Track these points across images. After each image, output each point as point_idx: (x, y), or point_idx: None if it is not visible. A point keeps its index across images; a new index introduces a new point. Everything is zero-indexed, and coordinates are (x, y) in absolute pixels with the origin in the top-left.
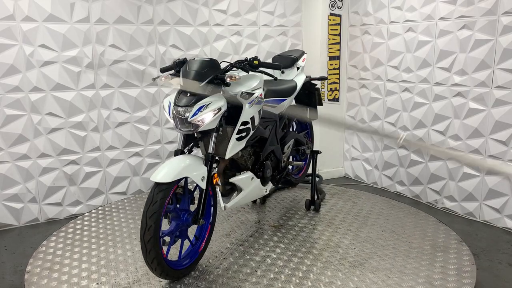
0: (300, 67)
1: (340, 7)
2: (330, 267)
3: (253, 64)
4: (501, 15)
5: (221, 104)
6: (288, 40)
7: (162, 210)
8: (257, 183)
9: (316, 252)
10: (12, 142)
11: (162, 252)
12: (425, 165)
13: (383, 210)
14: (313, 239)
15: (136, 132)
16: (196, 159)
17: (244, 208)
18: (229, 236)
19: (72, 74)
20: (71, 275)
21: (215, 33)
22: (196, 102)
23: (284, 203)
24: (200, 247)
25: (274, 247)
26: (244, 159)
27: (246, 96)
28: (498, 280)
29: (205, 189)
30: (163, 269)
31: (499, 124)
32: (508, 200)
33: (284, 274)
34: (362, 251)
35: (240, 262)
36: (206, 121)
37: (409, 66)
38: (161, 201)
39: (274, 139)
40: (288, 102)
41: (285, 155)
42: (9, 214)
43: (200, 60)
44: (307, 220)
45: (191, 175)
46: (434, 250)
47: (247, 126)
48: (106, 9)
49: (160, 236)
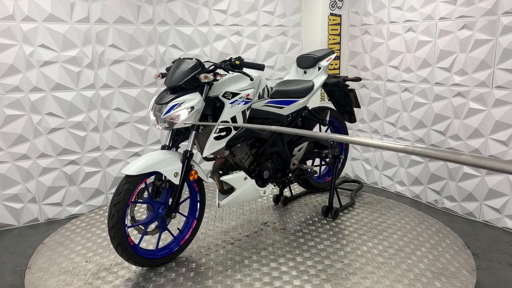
0: (322, 67)
1: (340, 7)
2: (306, 274)
3: (235, 64)
4: (501, 15)
5: (194, 103)
6: (288, 40)
7: (127, 200)
8: (251, 184)
9: (299, 260)
10: (12, 142)
11: (129, 240)
12: (425, 165)
13: (407, 225)
14: (308, 246)
15: (136, 132)
16: (173, 155)
17: (261, 208)
18: (227, 233)
19: (72, 74)
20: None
21: (215, 33)
22: (171, 100)
23: (307, 207)
24: (182, 241)
25: (261, 249)
26: (239, 159)
27: (229, 96)
28: (498, 280)
29: (179, 184)
30: (129, 255)
31: (499, 124)
32: (508, 200)
33: (252, 277)
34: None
35: (219, 259)
36: (181, 119)
37: (409, 66)
38: (126, 192)
39: (279, 141)
40: (301, 103)
41: (295, 157)
42: (9, 214)
43: (182, 60)
44: (315, 227)
45: (162, 170)
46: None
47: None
48: (106, 9)
49: (124, 224)
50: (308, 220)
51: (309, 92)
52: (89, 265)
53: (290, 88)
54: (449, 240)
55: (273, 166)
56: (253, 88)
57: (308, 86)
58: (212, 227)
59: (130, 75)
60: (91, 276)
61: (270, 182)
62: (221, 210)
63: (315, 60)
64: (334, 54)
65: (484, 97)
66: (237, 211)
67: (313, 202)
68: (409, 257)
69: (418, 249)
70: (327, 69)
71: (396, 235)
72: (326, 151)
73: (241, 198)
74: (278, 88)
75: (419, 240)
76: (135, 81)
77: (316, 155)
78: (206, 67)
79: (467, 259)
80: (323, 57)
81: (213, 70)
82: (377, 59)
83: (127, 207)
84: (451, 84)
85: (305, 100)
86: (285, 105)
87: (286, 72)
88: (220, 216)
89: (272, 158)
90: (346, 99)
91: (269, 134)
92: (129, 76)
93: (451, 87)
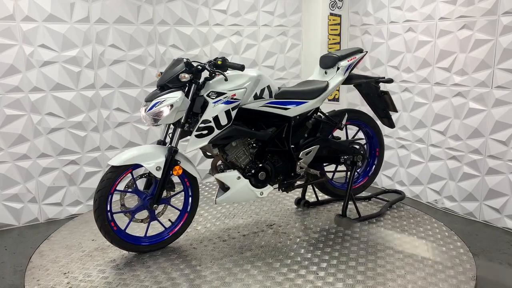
0: (341, 67)
1: (340, 7)
2: (270, 280)
3: (217, 64)
4: (501, 15)
5: (173, 101)
6: (288, 40)
7: (109, 188)
8: (244, 184)
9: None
10: (12, 142)
11: (111, 224)
12: (425, 165)
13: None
14: (294, 253)
15: (136, 132)
16: (159, 150)
17: (279, 210)
18: (227, 230)
19: (72, 74)
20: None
21: (215, 33)
22: (156, 97)
23: (326, 214)
24: (171, 232)
25: (247, 250)
26: (235, 158)
27: (214, 96)
28: (498, 280)
29: (161, 178)
30: (112, 238)
31: (499, 124)
32: (508, 200)
33: (218, 275)
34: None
35: (200, 254)
36: (163, 115)
37: (409, 66)
38: (108, 180)
39: (281, 142)
40: (310, 105)
41: (302, 161)
42: (9, 214)
43: (177, 60)
44: (319, 235)
45: (143, 163)
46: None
47: (209, 125)
48: (106, 9)
49: (107, 210)
50: (316, 228)
51: (320, 94)
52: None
53: (298, 89)
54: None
55: (272, 168)
56: (244, 88)
57: (320, 87)
58: (218, 223)
59: (130, 75)
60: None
61: (270, 184)
62: (237, 207)
63: (334, 59)
64: (361, 54)
65: (484, 97)
66: (252, 210)
67: (336, 210)
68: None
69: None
70: (346, 70)
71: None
72: (346, 156)
73: (235, 197)
74: (286, 88)
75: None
76: (135, 81)
77: (334, 161)
78: (193, 67)
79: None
80: (345, 57)
81: (193, 71)
82: (377, 59)
83: (109, 194)
84: (451, 84)
85: (316, 102)
86: (290, 106)
87: (287, 72)
88: (232, 213)
89: (272, 160)
90: (382, 102)
91: (268, 135)
92: (129, 76)
93: (451, 87)
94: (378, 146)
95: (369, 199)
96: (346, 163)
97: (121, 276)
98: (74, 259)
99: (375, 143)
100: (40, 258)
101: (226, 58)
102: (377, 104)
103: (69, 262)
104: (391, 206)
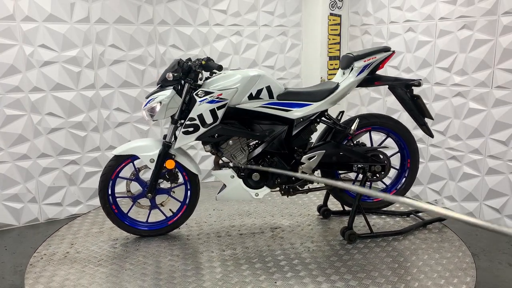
0: (355, 68)
1: (340, 7)
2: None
3: (202, 64)
4: (501, 15)
5: (162, 98)
6: (288, 40)
7: (110, 175)
8: (238, 183)
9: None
10: (12, 142)
11: (113, 207)
12: (425, 165)
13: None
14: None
15: (136, 132)
16: (156, 143)
17: (299, 214)
18: (228, 227)
19: (72, 74)
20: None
21: (215, 33)
22: (151, 95)
23: (341, 225)
24: (170, 221)
25: (231, 249)
26: (231, 156)
27: (202, 94)
28: (498, 280)
29: (154, 170)
30: (112, 219)
31: (499, 124)
32: (508, 200)
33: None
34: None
35: (188, 247)
36: (156, 111)
37: (409, 66)
38: (109, 167)
39: (280, 144)
40: (316, 107)
41: (304, 166)
42: (9, 214)
43: (176, 60)
44: (317, 246)
45: (139, 154)
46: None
47: (194, 123)
48: (106, 9)
49: (108, 194)
50: (319, 237)
51: (327, 96)
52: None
53: (303, 90)
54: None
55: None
56: (235, 88)
57: (328, 88)
58: (226, 219)
59: (130, 75)
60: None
61: (267, 186)
62: (259, 206)
63: (349, 59)
64: (384, 54)
65: (484, 97)
66: (268, 211)
67: (357, 224)
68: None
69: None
70: (362, 71)
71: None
72: (360, 165)
73: (231, 195)
74: (291, 89)
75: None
76: (135, 81)
77: (347, 168)
78: (181, 68)
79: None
80: (361, 57)
81: (177, 70)
82: None
83: (110, 180)
84: (451, 84)
85: (321, 104)
86: (293, 108)
87: (287, 72)
88: (248, 211)
89: (270, 162)
90: (416, 107)
91: (264, 136)
92: (129, 76)
93: (451, 87)
94: (410, 157)
95: (407, 216)
96: (358, 172)
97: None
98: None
99: (407, 153)
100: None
101: (210, 58)
102: (413, 110)
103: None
104: (425, 225)
